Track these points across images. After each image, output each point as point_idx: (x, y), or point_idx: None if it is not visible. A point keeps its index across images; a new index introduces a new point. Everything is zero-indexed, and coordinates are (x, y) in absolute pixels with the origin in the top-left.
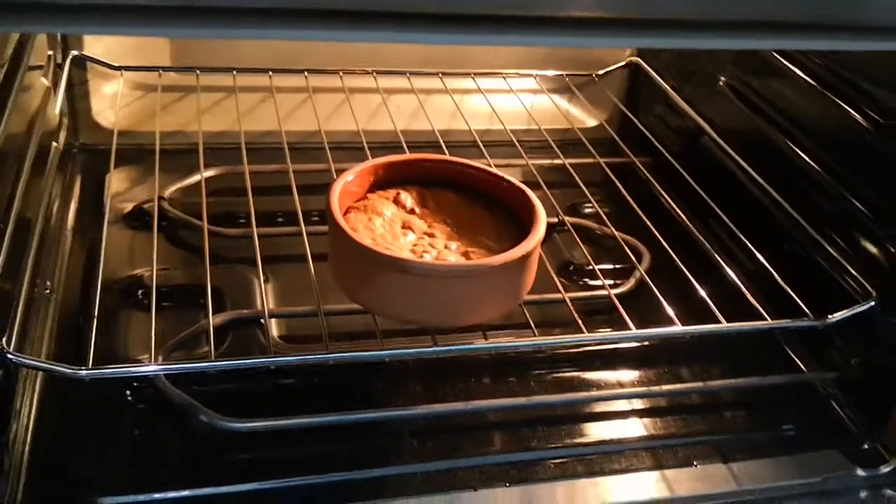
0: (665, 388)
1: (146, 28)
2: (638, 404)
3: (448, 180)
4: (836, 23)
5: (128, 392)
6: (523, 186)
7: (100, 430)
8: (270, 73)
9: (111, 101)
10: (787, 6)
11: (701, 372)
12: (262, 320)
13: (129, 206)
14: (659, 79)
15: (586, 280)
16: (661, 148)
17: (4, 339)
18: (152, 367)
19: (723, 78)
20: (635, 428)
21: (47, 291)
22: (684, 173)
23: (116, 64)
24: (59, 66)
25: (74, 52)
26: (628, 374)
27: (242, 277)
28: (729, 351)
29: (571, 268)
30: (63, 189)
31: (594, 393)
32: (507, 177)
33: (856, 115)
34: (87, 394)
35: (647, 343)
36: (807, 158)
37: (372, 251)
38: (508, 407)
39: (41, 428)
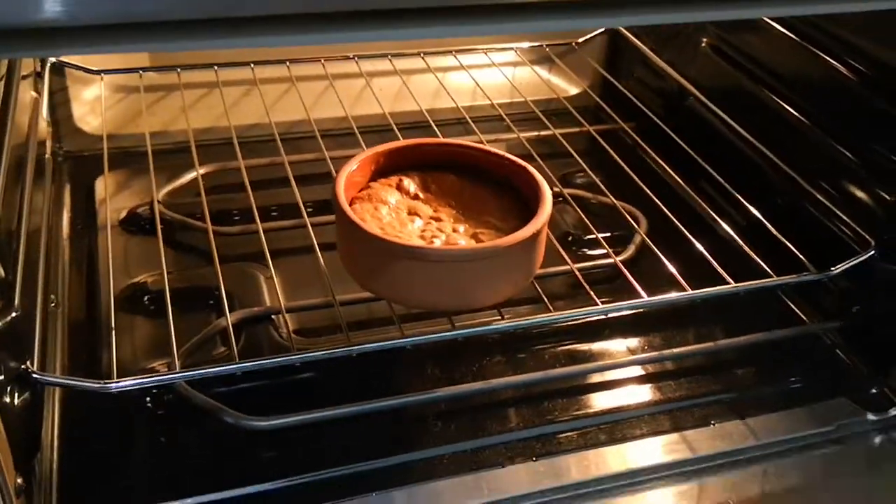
0: (676, 350)
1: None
2: (651, 369)
3: (447, 163)
4: None
5: (147, 399)
6: (524, 163)
7: (125, 439)
8: (252, 65)
9: (92, 106)
10: None
11: (707, 332)
12: (272, 316)
13: (122, 212)
14: (639, 43)
15: (585, 250)
16: (647, 111)
17: (29, 361)
18: (179, 374)
19: (704, 39)
20: (651, 392)
21: (53, 305)
22: (673, 135)
23: (95, 68)
24: (39, 75)
25: (53, 60)
26: (636, 340)
27: (246, 275)
28: (729, 307)
29: (570, 238)
30: (54, 198)
31: (609, 361)
32: (507, 155)
33: (841, 67)
34: (108, 404)
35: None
36: (794, 112)
37: (385, 241)
38: (526, 382)
39: (66, 442)
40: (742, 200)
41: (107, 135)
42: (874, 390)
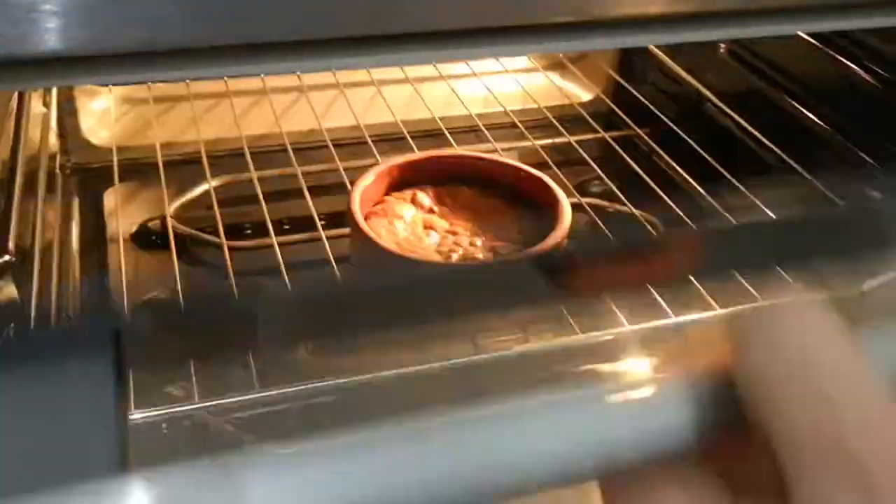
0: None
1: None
2: None
3: (461, 175)
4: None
5: (164, 426)
6: (539, 173)
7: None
8: (262, 74)
9: (100, 118)
10: None
11: None
12: None
13: (133, 226)
14: (654, 47)
15: None
16: (662, 117)
17: None
18: (202, 404)
19: (723, 44)
20: None
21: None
22: (690, 141)
23: None
24: (47, 89)
25: None
26: (657, 359)
27: (260, 290)
28: None
29: None
30: (62, 212)
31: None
32: (523, 166)
33: (862, 72)
34: None
35: None
36: (815, 118)
37: (404, 258)
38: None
39: None
40: (763, 208)
41: (116, 147)
42: None
